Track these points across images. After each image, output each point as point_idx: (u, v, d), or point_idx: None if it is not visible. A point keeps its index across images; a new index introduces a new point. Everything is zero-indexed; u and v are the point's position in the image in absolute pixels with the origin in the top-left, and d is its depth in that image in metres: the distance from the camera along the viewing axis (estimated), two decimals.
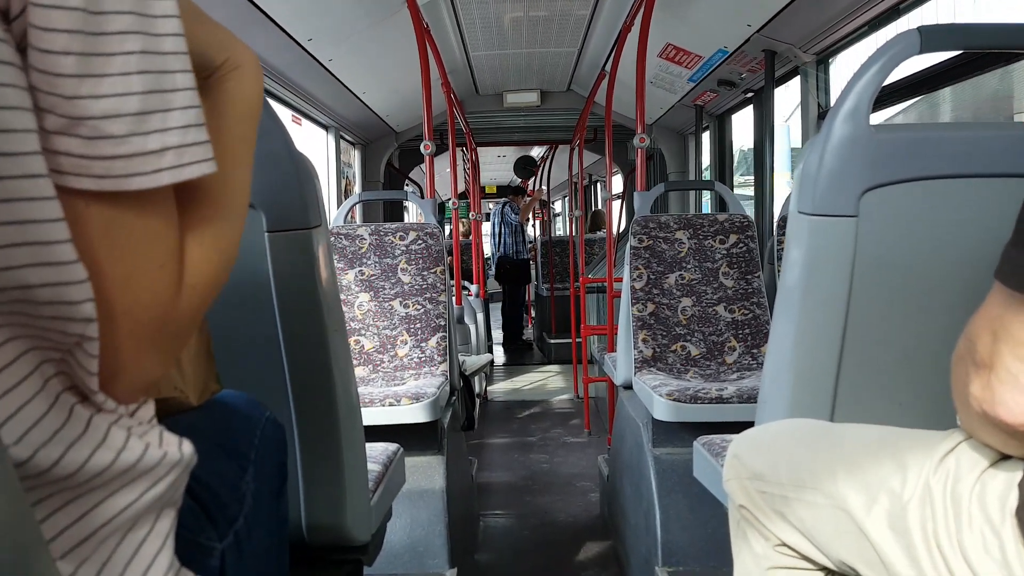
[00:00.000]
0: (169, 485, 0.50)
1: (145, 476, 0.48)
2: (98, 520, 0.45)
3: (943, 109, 3.82)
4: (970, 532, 0.66)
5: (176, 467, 0.50)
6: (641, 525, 2.16)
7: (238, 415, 0.79)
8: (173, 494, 0.51)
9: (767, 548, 0.93)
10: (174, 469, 0.50)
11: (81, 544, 0.45)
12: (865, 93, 1.05)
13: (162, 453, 0.49)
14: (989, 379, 0.60)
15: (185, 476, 0.52)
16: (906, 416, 1.06)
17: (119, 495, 0.47)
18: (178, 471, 0.51)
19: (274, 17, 2.58)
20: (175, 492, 0.51)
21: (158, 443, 0.50)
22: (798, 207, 1.10)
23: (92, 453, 0.44)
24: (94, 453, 0.44)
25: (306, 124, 4.13)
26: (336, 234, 2.46)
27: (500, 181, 11.00)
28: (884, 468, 0.76)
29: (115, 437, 0.46)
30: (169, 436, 0.51)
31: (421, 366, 2.37)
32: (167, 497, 0.50)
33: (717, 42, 3.15)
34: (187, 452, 0.52)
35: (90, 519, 0.45)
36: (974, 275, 0.66)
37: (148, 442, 0.48)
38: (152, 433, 0.50)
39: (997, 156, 1.05)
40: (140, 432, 0.48)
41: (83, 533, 0.45)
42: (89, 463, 0.44)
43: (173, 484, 0.50)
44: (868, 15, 2.37)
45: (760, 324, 2.40)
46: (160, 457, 0.49)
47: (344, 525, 1.21)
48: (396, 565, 2.02)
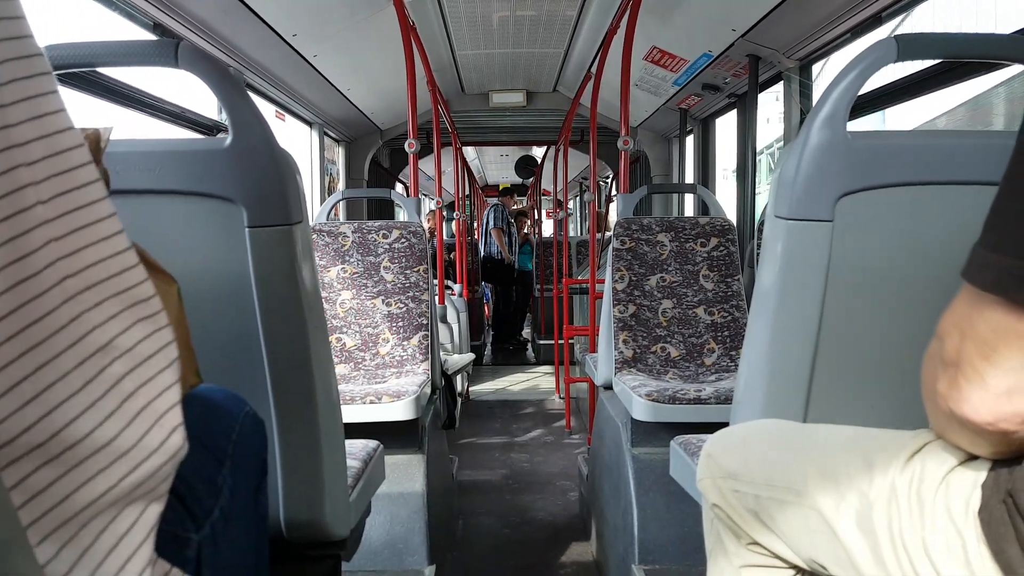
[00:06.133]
0: (149, 474, 0.50)
1: (122, 460, 0.48)
2: (80, 502, 0.46)
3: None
4: (934, 532, 0.67)
5: (154, 455, 0.51)
6: (619, 524, 2.18)
7: (217, 409, 0.79)
8: (157, 485, 0.51)
9: (740, 547, 0.94)
10: (152, 456, 0.50)
11: (64, 525, 0.45)
12: (842, 100, 1.07)
13: (137, 437, 0.50)
14: (956, 377, 0.61)
15: (171, 469, 0.53)
16: (878, 417, 1.07)
17: (99, 478, 0.47)
18: (158, 460, 0.51)
19: (259, 12, 2.57)
20: (160, 484, 0.52)
21: (143, 429, 0.50)
22: (775, 211, 1.12)
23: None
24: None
25: (290, 120, 4.11)
26: (319, 231, 2.45)
27: (514, 179, 10.92)
28: (853, 468, 0.77)
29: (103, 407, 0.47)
30: (166, 422, 0.52)
31: (403, 364, 2.37)
32: (150, 487, 0.50)
33: (702, 46, 3.17)
34: (172, 443, 0.52)
35: (74, 500, 0.46)
36: (946, 279, 0.68)
37: (128, 422, 0.49)
38: (142, 416, 0.50)
39: (970, 164, 1.07)
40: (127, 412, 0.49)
41: (66, 514, 0.45)
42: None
43: (155, 474, 0.51)
44: (850, 23, 2.40)
45: (739, 327, 2.42)
46: (135, 441, 0.49)
47: (322, 521, 1.21)
48: (375, 561, 2.03)
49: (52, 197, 0.45)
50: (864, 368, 1.12)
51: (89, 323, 0.48)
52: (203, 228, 1.08)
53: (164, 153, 1.07)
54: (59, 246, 0.46)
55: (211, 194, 1.07)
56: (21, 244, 0.43)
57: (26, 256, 0.43)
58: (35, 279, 0.44)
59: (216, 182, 1.07)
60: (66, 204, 0.46)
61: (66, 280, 0.46)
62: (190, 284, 0.84)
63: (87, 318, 0.47)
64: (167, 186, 1.07)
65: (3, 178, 0.42)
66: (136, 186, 1.06)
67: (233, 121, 1.06)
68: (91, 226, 0.48)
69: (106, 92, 2.24)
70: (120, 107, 2.33)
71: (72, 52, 1.06)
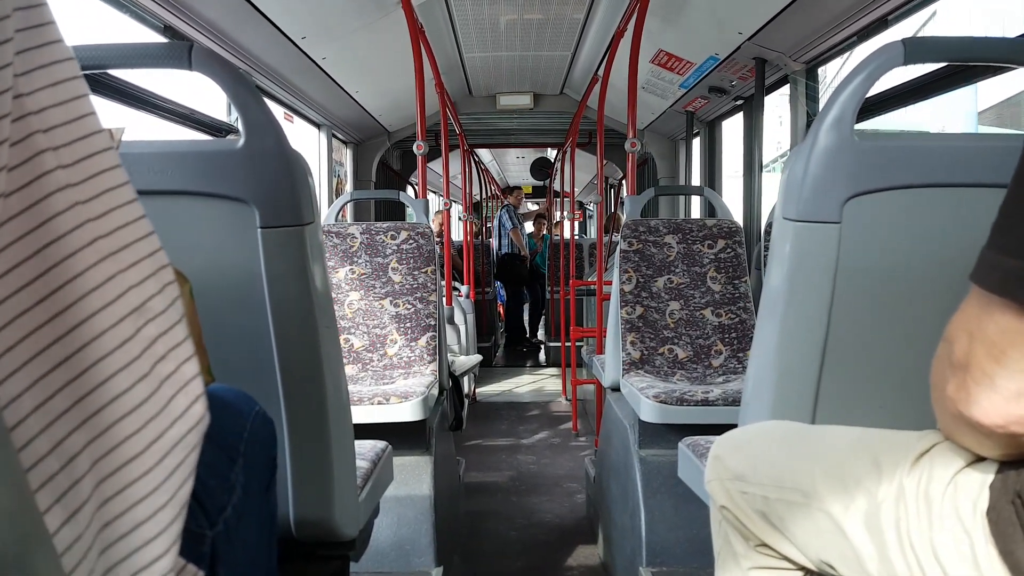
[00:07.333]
0: (175, 441, 0.51)
1: (151, 424, 0.49)
2: (111, 466, 0.46)
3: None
4: (942, 532, 0.68)
5: (179, 421, 0.51)
6: (627, 526, 2.18)
7: (228, 408, 0.80)
8: (186, 455, 0.52)
9: (748, 548, 0.94)
10: (177, 423, 0.51)
11: (95, 492, 0.46)
12: (850, 103, 1.07)
13: (164, 401, 0.51)
14: (965, 380, 0.61)
15: (195, 438, 0.53)
16: (886, 418, 1.07)
17: (130, 442, 0.48)
18: (183, 427, 0.52)
19: (268, 15, 2.58)
20: (188, 454, 0.52)
21: (169, 393, 0.51)
22: (783, 213, 1.12)
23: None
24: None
25: (298, 122, 4.13)
26: (327, 232, 2.46)
27: (535, 182, 10.91)
28: (861, 469, 0.77)
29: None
30: (190, 389, 0.53)
31: (410, 365, 2.38)
32: (179, 458, 0.51)
33: (708, 49, 3.18)
34: (196, 411, 0.53)
35: (107, 462, 0.47)
36: (954, 282, 0.68)
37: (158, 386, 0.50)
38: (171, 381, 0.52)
39: (977, 166, 1.07)
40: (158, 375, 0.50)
41: (95, 479, 0.46)
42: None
43: (181, 442, 0.51)
44: (857, 26, 2.40)
45: (746, 328, 2.42)
46: (163, 405, 0.50)
47: (332, 521, 1.22)
48: (383, 563, 2.03)
49: (74, 162, 0.46)
50: (872, 369, 1.12)
51: (125, 283, 0.48)
52: (215, 228, 1.09)
53: (177, 154, 1.09)
54: (87, 208, 0.46)
55: (224, 195, 1.08)
56: (44, 208, 0.43)
57: (51, 219, 0.43)
58: (62, 241, 0.44)
59: (229, 183, 1.08)
60: (89, 168, 0.47)
61: (98, 240, 0.47)
62: (202, 284, 0.85)
63: (123, 278, 0.48)
64: (180, 187, 1.08)
65: (20, 146, 0.42)
66: (149, 187, 1.07)
67: (246, 123, 1.07)
68: (116, 189, 0.49)
69: (116, 94, 2.26)
70: (130, 108, 2.35)
71: (85, 54, 1.07)
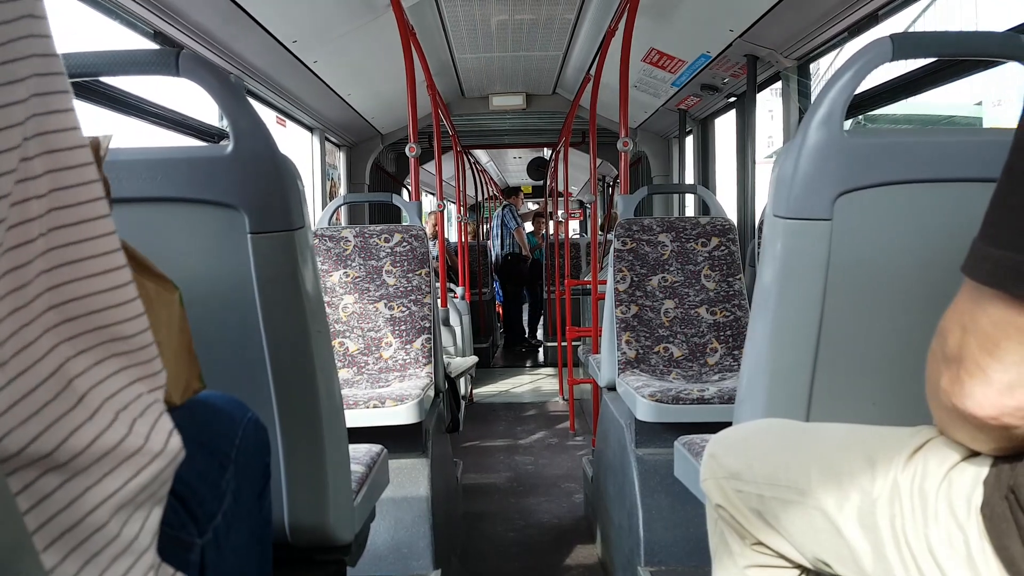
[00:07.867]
0: (153, 476, 0.51)
1: (127, 463, 0.49)
2: (86, 506, 0.46)
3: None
4: (936, 528, 0.68)
5: (158, 458, 0.51)
6: (624, 525, 2.18)
7: (220, 414, 0.80)
8: (159, 488, 0.52)
9: (744, 547, 0.94)
10: (156, 459, 0.51)
11: (70, 531, 0.45)
12: (839, 99, 1.07)
13: (141, 441, 0.50)
14: (958, 373, 0.61)
15: (171, 470, 0.53)
16: (880, 415, 1.08)
17: (105, 481, 0.47)
18: (161, 463, 0.52)
19: (259, 19, 2.58)
20: (161, 486, 0.52)
21: (145, 431, 0.51)
22: (773, 210, 1.12)
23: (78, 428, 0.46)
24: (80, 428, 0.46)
25: (290, 125, 4.12)
26: (321, 236, 2.46)
27: (534, 182, 10.89)
28: (855, 466, 0.77)
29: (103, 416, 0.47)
30: (160, 426, 0.52)
31: (406, 368, 2.38)
32: (153, 490, 0.51)
33: (700, 47, 3.18)
34: (172, 445, 0.53)
35: (80, 504, 0.46)
36: (946, 276, 0.68)
37: (131, 426, 0.50)
38: (143, 419, 0.51)
39: (967, 161, 1.07)
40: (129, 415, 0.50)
41: (72, 519, 0.46)
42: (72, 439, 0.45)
43: (158, 476, 0.51)
44: (847, 22, 2.40)
45: (741, 326, 2.42)
46: (139, 445, 0.50)
47: (327, 525, 1.21)
48: (380, 567, 2.03)
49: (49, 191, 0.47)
50: (865, 365, 1.12)
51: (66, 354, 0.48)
52: (205, 235, 1.09)
53: (166, 161, 1.08)
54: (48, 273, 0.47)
55: (213, 201, 1.07)
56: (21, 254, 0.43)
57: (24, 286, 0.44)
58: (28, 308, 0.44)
59: (218, 189, 1.07)
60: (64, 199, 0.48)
61: (50, 312, 0.47)
62: (192, 290, 0.85)
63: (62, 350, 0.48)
64: (169, 193, 1.08)
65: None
66: (138, 194, 1.07)
67: (234, 128, 1.07)
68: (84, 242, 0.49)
69: (107, 100, 2.25)
70: (122, 115, 2.34)
71: (74, 62, 1.07)
